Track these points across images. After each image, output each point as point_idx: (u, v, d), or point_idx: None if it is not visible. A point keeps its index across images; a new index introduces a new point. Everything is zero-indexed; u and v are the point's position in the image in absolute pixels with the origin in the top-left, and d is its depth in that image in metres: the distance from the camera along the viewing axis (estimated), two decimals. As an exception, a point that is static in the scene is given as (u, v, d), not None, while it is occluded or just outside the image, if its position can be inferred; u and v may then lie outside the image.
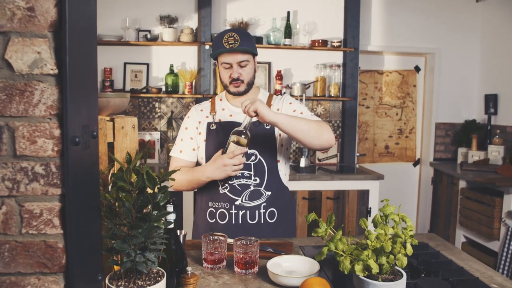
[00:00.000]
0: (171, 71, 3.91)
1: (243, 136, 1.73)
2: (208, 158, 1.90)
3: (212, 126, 1.92)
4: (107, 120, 1.18)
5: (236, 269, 1.48)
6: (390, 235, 1.16)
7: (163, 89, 3.95)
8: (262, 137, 1.89)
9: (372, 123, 4.50)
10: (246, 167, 1.85)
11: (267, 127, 1.90)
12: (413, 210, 4.70)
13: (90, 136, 0.93)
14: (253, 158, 1.87)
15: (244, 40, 1.81)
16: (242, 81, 1.86)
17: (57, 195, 0.81)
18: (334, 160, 4.11)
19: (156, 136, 3.99)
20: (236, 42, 1.79)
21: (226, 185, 1.86)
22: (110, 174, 1.13)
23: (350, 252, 1.14)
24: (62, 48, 0.77)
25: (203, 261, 1.52)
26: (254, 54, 1.89)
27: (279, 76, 4.01)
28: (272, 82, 4.11)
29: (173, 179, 1.11)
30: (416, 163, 4.64)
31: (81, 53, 0.85)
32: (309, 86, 4.12)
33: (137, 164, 1.14)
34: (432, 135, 4.46)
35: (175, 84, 3.91)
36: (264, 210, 1.87)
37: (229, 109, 1.95)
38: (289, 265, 1.48)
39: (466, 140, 4.30)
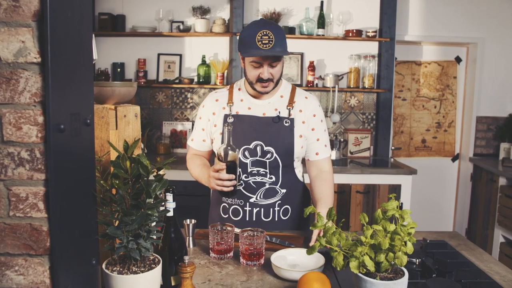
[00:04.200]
0: (203, 62, 3.94)
1: (223, 152, 1.67)
2: None
3: (230, 118, 1.84)
4: (110, 109, 1.20)
5: (241, 260, 1.48)
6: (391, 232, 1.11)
7: (195, 79, 4.00)
8: (279, 135, 1.81)
9: (408, 116, 4.34)
10: (262, 164, 1.81)
11: (286, 124, 1.81)
12: (450, 207, 4.51)
13: (82, 123, 0.95)
14: (268, 156, 1.81)
15: (279, 40, 1.68)
16: (272, 81, 1.76)
17: (41, 180, 0.83)
18: (366, 154, 4.01)
19: (187, 126, 4.05)
20: (271, 43, 1.65)
21: (241, 182, 1.82)
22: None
23: (347, 248, 1.11)
24: (44, 37, 0.79)
25: (210, 251, 1.53)
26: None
27: (312, 67, 3.95)
28: (305, 73, 4.05)
29: (169, 168, 1.12)
30: (455, 158, 4.44)
31: (68, 42, 0.87)
32: (342, 77, 4.03)
33: (136, 152, 1.16)
34: (472, 129, 4.24)
35: (207, 75, 3.94)
36: (278, 208, 1.85)
37: (248, 101, 1.87)
38: (294, 259, 1.46)
39: (510, 135, 4.05)
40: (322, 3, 3.89)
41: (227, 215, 1.88)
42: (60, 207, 0.85)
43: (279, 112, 1.84)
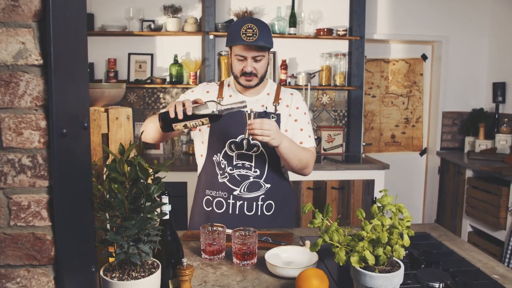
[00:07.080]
0: (175, 61, 3.89)
1: (209, 110, 1.55)
2: (210, 143, 1.88)
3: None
4: (101, 111, 1.17)
5: (234, 260, 1.47)
6: (388, 226, 1.14)
7: (168, 79, 3.94)
8: None
9: (378, 112, 4.46)
10: (247, 158, 1.83)
11: (273, 119, 1.85)
12: (419, 199, 4.67)
13: (80, 127, 0.92)
14: (255, 149, 1.84)
15: (263, 34, 1.75)
16: (255, 75, 1.81)
17: (44, 187, 0.80)
18: (339, 150, 4.08)
19: (160, 126, 3.98)
20: (254, 36, 1.73)
21: (226, 174, 1.85)
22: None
23: (346, 243, 1.13)
24: (46, 38, 0.76)
25: (201, 252, 1.52)
26: (270, 48, 1.83)
27: (284, 65, 3.98)
28: (277, 72, 4.08)
29: (167, 170, 1.10)
30: (423, 152, 4.60)
31: (68, 43, 0.84)
32: (314, 76, 4.08)
33: (131, 155, 1.13)
34: (439, 124, 4.40)
35: (179, 74, 3.90)
36: (262, 202, 1.86)
37: (236, 97, 1.91)
38: (288, 256, 1.47)
39: (474, 129, 4.24)
40: (293, 2, 3.92)
41: (210, 208, 1.89)
42: (64, 214, 0.82)
43: (266, 107, 1.89)
